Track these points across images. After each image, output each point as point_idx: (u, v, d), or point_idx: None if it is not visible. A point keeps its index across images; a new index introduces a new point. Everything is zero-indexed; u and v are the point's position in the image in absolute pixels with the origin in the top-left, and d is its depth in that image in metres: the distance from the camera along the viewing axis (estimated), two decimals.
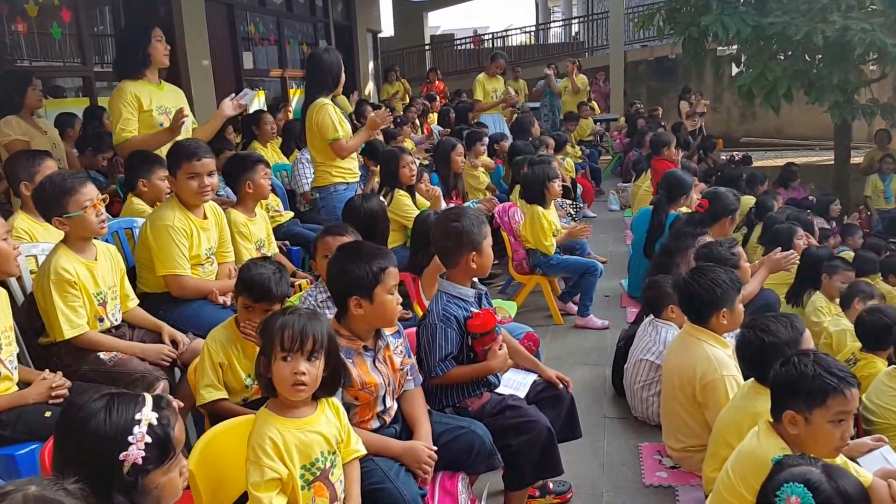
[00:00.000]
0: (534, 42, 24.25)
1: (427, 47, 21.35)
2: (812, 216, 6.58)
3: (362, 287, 2.38)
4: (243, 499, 2.06)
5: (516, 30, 24.26)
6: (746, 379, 2.86)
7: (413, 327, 2.93)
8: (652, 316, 3.93)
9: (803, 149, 16.53)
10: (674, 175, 5.60)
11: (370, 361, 2.43)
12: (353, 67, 13.91)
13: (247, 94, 4.40)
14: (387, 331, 2.54)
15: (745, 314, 3.21)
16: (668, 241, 4.84)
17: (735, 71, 10.52)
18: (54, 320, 2.91)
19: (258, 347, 2.10)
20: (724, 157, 11.63)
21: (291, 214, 5.68)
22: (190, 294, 3.50)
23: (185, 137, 3.97)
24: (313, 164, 4.94)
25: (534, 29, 26.06)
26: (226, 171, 4.31)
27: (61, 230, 3.01)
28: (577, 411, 3.05)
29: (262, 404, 2.10)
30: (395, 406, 2.55)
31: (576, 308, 5.38)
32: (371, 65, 15.79)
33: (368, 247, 2.56)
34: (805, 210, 7.11)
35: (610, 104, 15.24)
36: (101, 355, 2.98)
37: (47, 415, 2.53)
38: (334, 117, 4.62)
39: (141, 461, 1.53)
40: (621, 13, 17.27)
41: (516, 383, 3.01)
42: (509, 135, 8.58)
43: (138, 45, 4.22)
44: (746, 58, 9.86)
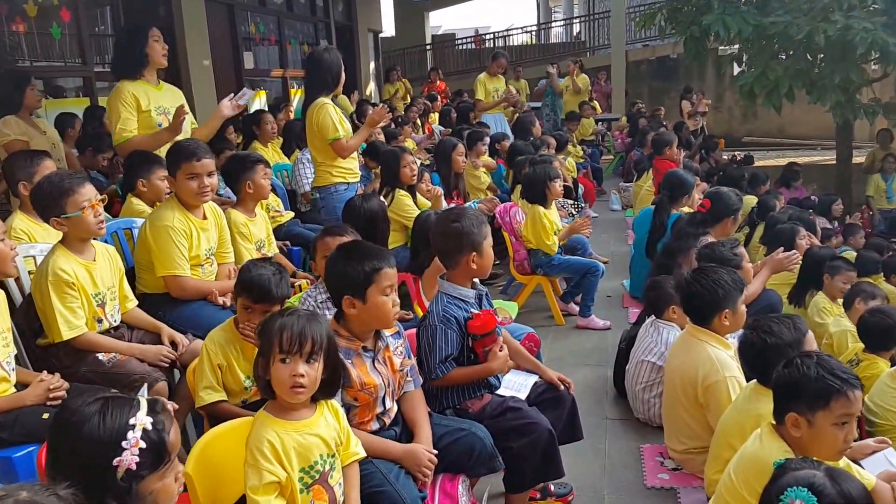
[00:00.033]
0: (535, 42, 24.22)
1: (428, 47, 21.33)
2: (814, 216, 6.55)
3: (354, 287, 2.37)
4: (241, 502, 2.04)
5: (517, 29, 24.25)
6: (749, 380, 2.84)
7: (413, 328, 2.91)
8: (653, 317, 3.91)
9: (805, 148, 16.49)
10: (676, 175, 5.58)
11: (370, 362, 2.41)
12: (354, 67, 13.90)
13: (245, 94, 4.39)
14: (386, 331, 2.52)
15: (748, 315, 3.20)
16: (670, 241, 4.82)
17: (737, 70, 10.53)
18: (52, 321, 2.90)
19: (257, 349, 2.08)
20: (726, 157, 11.61)
21: (292, 215, 5.67)
22: (189, 295, 3.49)
23: (184, 138, 3.95)
24: (314, 164, 4.93)
25: (535, 28, 26.02)
26: (225, 171, 4.29)
27: (59, 231, 2.99)
28: (578, 413, 3.04)
29: (261, 406, 2.08)
30: (395, 408, 2.53)
31: (577, 308, 5.36)
32: (372, 65, 15.78)
33: (365, 246, 2.54)
34: (807, 210, 7.09)
35: (611, 104, 15.23)
36: (100, 356, 2.97)
37: (45, 416, 2.52)
38: (334, 117, 4.60)
39: (135, 467, 1.51)
40: (623, 12, 17.26)
41: (517, 385, 2.99)
42: (511, 134, 8.55)
43: (135, 45, 4.20)
44: (748, 57, 9.85)
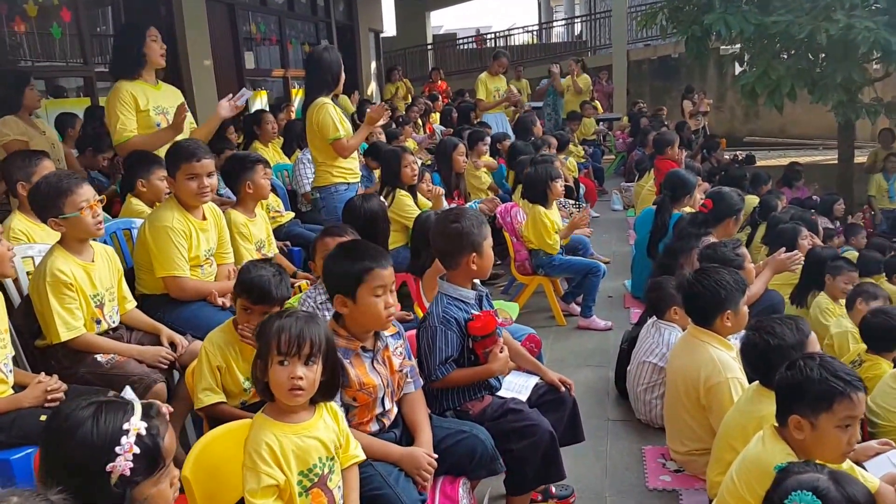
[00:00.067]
0: (536, 41, 24.20)
1: (429, 47, 21.34)
2: (816, 216, 6.54)
3: (345, 286, 2.36)
4: None
5: (519, 29, 24.24)
6: (751, 382, 2.82)
7: (414, 329, 2.90)
8: (655, 318, 3.89)
9: (807, 148, 16.47)
10: (677, 175, 5.56)
11: (368, 362, 2.40)
12: (355, 67, 13.89)
13: (243, 95, 4.37)
14: (386, 332, 2.50)
15: (750, 315, 3.17)
16: (672, 241, 4.80)
17: (738, 70, 10.49)
18: (50, 322, 2.88)
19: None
20: (728, 157, 11.59)
21: (292, 215, 5.65)
22: (189, 296, 3.47)
23: (183, 138, 3.94)
24: (314, 164, 4.91)
25: (536, 28, 25.99)
26: (225, 170, 4.28)
27: (57, 231, 2.98)
28: (579, 414, 3.02)
29: (261, 408, 2.06)
30: (395, 409, 2.52)
31: (578, 309, 5.35)
32: (373, 64, 15.77)
33: (361, 246, 2.51)
34: (809, 210, 7.07)
35: (613, 103, 15.19)
36: (98, 358, 2.96)
37: (43, 419, 2.50)
38: (335, 116, 4.59)
39: (129, 472, 1.49)
40: (624, 12, 17.22)
41: (518, 386, 2.98)
42: (512, 134, 8.53)
43: (133, 44, 4.18)
44: (750, 56, 9.82)
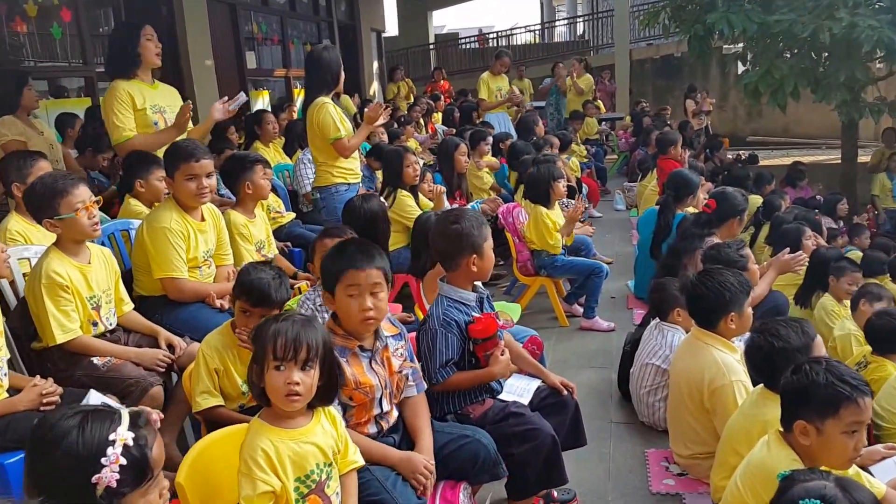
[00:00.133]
0: (538, 41, 24.17)
1: (431, 46, 21.31)
2: (820, 216, 6.49)
3: (328, 284, 2.37)
4: None
5: (521, 28, 24.23)
6: (755, 385, 2.78)
7: (414, 331, 2.86)
8: (658, 319, 3.86)
9: (810, 147, 16.41)
10: (680, 174, 5.53)
11: (366, 362, 2.36)
12: (357, 67, 13.85)
13: (238, 100, 4.33)
14: (387, 332, 2.47)
15: (754, 317, 3.14)
16: (675, 241, 4.76)
17: (741, 69, 10.45)
18: (46, 325, 2.86)
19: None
20: (731, 156, 11.54)
21: (293, 215, 5.63)
22: (187, 297, 3.44)
23: (181, 138, 3.91)
24: (315, 164, 4.88)
25: (539, 28, 25.95)
26: (224, 171, 4.25)
27: (53, 232, 2.95)
28: (581, 418, 2.99)
29: (259, 411, 2.03)
30: (395, 413, 2.48)
31: (581, 310, 5.31)
32: (375, 64, 15.73)
33: (348, 245, 2.47)
34: (813, 209, 7.02)
35: (615, 103, 15.16)
36: (95, 360, 2.93)
37: None
38: (335, 116, 4.56)
39: (115, 484, 1.46)
40: (626, 11, 17.21)
41: (519, 389, 2.94)
42: (515, 134, 8.50)
43: (127, 44, 4.13)
44: (752, 56, 9.78)
